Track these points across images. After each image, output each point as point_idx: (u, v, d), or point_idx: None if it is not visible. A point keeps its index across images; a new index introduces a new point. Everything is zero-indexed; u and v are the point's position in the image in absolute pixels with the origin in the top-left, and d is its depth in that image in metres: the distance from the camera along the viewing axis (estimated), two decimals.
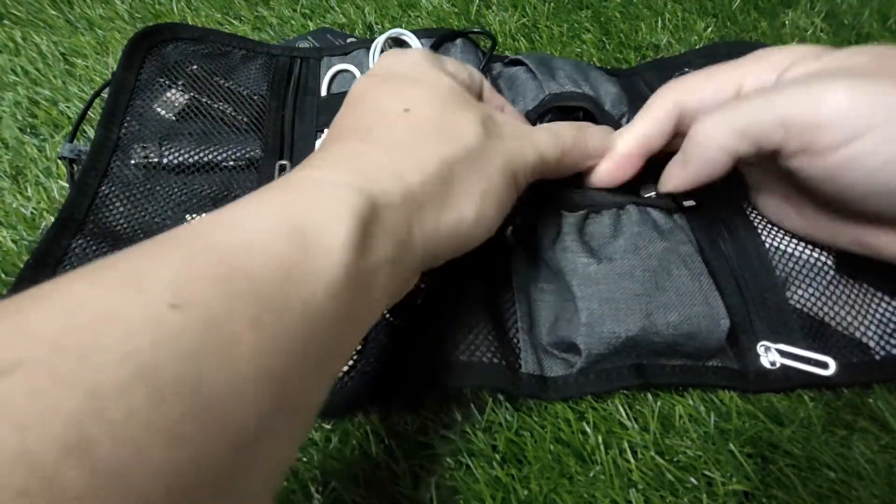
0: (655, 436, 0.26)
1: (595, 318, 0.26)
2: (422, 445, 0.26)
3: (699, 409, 0.27)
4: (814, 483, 0.25)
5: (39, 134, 0.37)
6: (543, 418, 0.26)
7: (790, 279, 0.29)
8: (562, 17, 0.48)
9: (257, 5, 0.48)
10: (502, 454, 0.25)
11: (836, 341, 0.28)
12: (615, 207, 0.31)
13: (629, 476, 0.25)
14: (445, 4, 0.49)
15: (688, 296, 0.27)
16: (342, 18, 0.47)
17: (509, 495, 0.24)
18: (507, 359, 0.26)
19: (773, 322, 0.28)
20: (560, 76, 0.36)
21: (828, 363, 0.27)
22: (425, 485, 0.24)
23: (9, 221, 0.32)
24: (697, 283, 0.28)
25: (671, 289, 0.27)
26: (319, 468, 0.25)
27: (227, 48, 0.39)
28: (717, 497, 0.24)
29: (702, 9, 0.50)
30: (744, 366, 0.28)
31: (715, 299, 0.28)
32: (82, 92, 0.39)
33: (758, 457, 0.25)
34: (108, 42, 0.43)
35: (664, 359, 0.27)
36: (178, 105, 0.34)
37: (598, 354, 0.26)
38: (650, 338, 0.26)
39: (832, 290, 0.29)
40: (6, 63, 0.40)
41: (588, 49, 0.45)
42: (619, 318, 0.26)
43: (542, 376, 0.26)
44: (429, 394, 0.27)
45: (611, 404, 0.27)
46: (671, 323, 0.26)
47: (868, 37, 0.49)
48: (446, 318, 0.27)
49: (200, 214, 0.31)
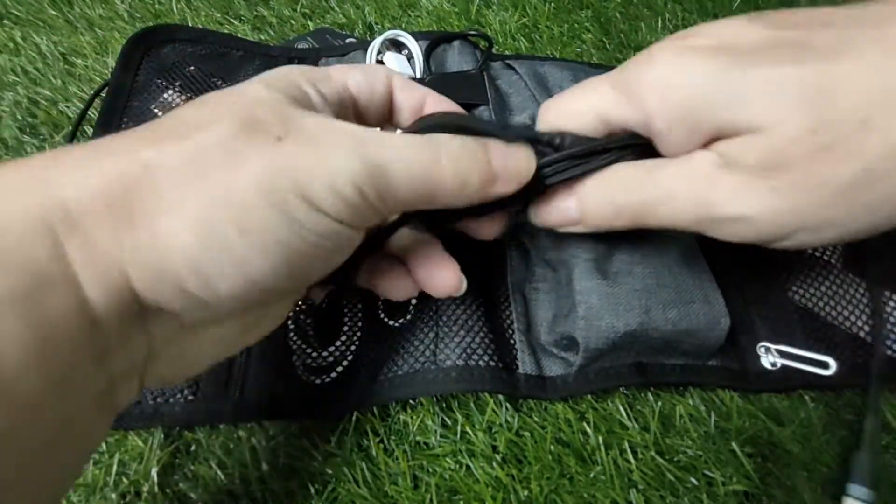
0: (656, 436, 0.26)
1: (593, 312, 0.26)
2: (422, 446, 0.25)
3: (700, 409, 0.27)
4: (814, 483, 0.25)
5: (39, 134, 0.37)
6: (544, 418, 0.26)
7: (793, 277, 0.29)
8: (562, 17, 0.48)
9: (257, 5, 0.48)
10: (502, 454, 0.25)
11: (840, 341, 0.28)
12: None
13: (630, 476, 0.25)
14: (445, 4, 0.48)
15: (687, 293, 0.27)
16: (342, 18, 0.47)
17: (509, 495, 0.24)
18: (503, 360, 0.26)
19: (773, 322, 0.28)
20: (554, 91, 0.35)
21: (828, 363, 0.27)
22: (425, 485, 0.24)
23: None
24: (698, 280, 0.28)
25: (671, 285, 0.27)
26: (319, 468, 0.24)
27: (224, 49, 0.39)
28: (718, 497, 0.24)
29: (702, 9, 0.50)
30: (744, 366, 0.28)
31: (715, 297, 0.28)
32: (82, 92, 0.39)
33: (758, 457, 0.25)
34: (107, 42, 0.43)
35: (663, 357, 0.27)
36: (175, 106, 0.34)
37: (597, 349, 0.26)
38: (648, 333, 0.26)
39: (836, 289, 0.29)
40: (6, 63, 0.40)
41: (588, 49, 0.45)
42: (618, 313, 0.26)
43: (540, 376, 0.26)
44: (427, 395, 0.26)
45: (611, 404, 0.27)
46: (670, 319, 0.26)
47: None
48: (442, 320, 0.27)
49: None
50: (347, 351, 0.26)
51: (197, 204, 0.16)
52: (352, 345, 0.27)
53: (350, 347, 0.26)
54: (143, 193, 0.15)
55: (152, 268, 0.15)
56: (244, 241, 0.16)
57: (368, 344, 0.27)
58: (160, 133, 0.17)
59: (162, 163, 0.16)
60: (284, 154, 0.17)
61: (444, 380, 0.25)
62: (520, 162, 0.21)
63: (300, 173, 0.16)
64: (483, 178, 0.20)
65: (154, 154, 0.16)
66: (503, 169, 0.20)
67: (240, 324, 0.19)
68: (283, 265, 0.17)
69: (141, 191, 0.15)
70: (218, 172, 0.16)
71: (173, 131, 0.17)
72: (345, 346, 0.27)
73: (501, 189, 0.20)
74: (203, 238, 0.16)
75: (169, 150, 0.16)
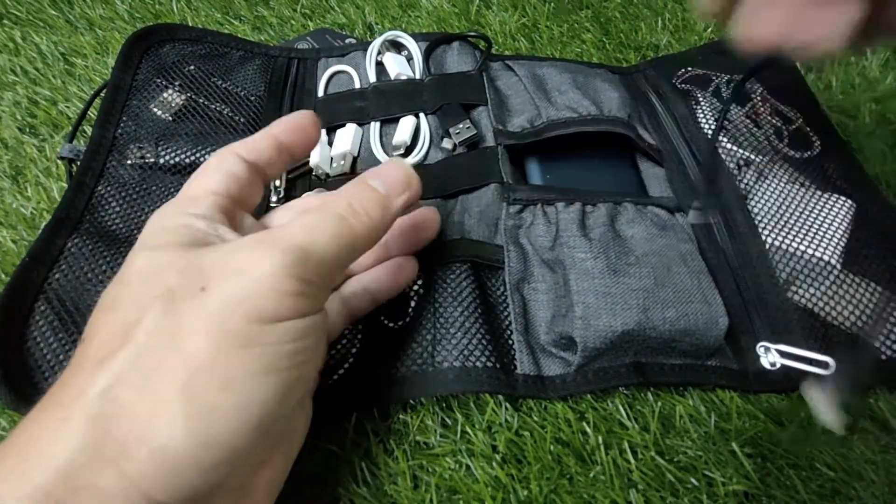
0: (656, 436, 0.26)
1: (591, 311, 0.26)
2: (422, 445, 0.25)
3: (699, 410, 0.27)
4: (814, 483, 0.25)
5: (39, 134, 0.37)
6: (543, 418, 0.26)
7: (792, 278, 0.29)
8: (562, 17, 0.48)
9: (257, 5, 0.48)
10: (502, 454, 0.25)
11: (840, 341, 0.28)
12: (612, 202, 0.31)
13: (629, 476, 0.25)
14: (445, 4, 0.48)
15: (686, 293, 0.27)
16: (342, 18, 0.47)
17: (509, 495, 0.24)
18: (501, 361, 0.26)
19: (773, 323, 0.28)
20: (556, 100, 0.35)
21: (828, 363, 0.27)
22: (425, 485, 0.24)
23: (9, 221, 0.32)
24: (696, 280, 0.28)
25: (669, 285, 0.27)
26: (319, 468, 0.24)
27: (224, 49, 0.38)
28: (718, 497, 0.24)
29: None
30: (743, 366, 0.28)
31: (714, 298, 0.28)
32: (82, 92, 0.39)
33: (758, 457, 0.25)
34: (107, 42, 0.43)
35: (662, 357, 0.27)
36: (174, 106, 0.34)
37: (595, 349, 0.26)
38: (646, 332, 0.26)
39: (836, 289, 0.29)
40: (6, 63, 0.40)
41: (588, 49, 0.45)
42: (616, 312, 0.26)
43: (539, 376, 0.26)
44: (426, 396, 0.26)
45: (611, 404, 0.27)
46: (668, 319, 0.26)
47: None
48: (440, 322, 0.27)
49: None
50: (348, 354, 0.26)
51: (170, 394, 0.15)
52: (353, 347, 0.27)
53: (351, 350, 0.27)
54: (118, 419, 0.15)
55: (165, 473, 0.15)
56: (229, 397, 0.16)
57: (368, 346, 0.27)
58: (94, 352, 0.17)
59: (117, 378, 0.16)
60: (215, 298, 0.16)
61: (443, 381, 0.25)
62: (395, 171, 0.22)
63: (241, 302, 0.16)
64: (381, 204, 0.21)
65: (104, 375, 0.16)
66: (388, 187, 0.22)
67: (282, 462, 0.20)
68: (278, 397, 0.17)
69: (114, 419, 0.15)
70: (169, 356, 0.16)
71: (106, 344, 0.17)
72: (346, 348, 0.27)
73: (402, 202, 0.22)
74: (192, 419, 0.15)
75: (118, 362, 0.16)
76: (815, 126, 0.36)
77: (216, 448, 0.16)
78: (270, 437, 0.18)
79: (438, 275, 0.28)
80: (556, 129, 0.34)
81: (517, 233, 0.30)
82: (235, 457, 0.16)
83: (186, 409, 0.15)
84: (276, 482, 0.20)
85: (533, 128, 0.34)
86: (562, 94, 0.36)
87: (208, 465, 0.16)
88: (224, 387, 0.16)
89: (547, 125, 0.34)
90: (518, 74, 0.38)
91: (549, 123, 0.34)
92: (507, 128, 0.35)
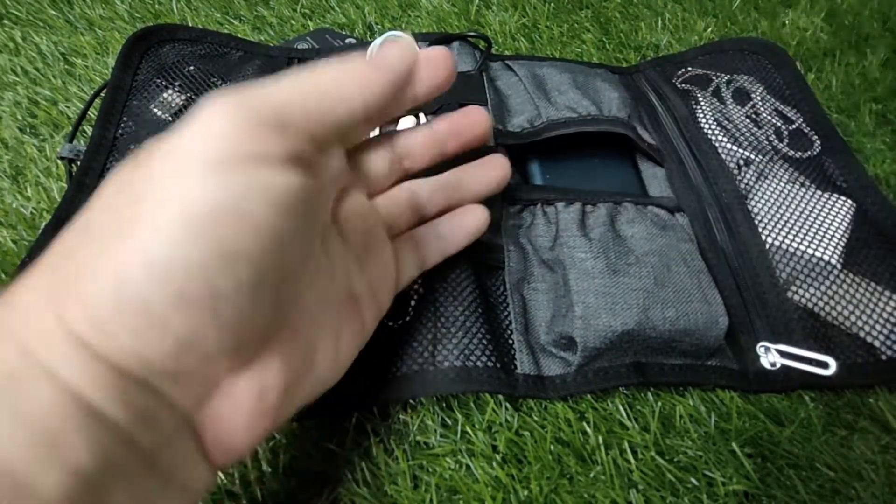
0: (656, 436, 0.26)
1: (590, 311, 0.26)
2: (422, 445, 0.25)
3: (699, 410, 0.27)
4: (814, 483, 0.25)
5: (39, 134, 0.37)
6: (544, 418, 0.26)
7: (792, 278, 0.29)
8: (562, 17, 0.48)
9: (257, 5, 0.48)
10: (502, 454, 0.25)
11: (840, 341, 0.28)
12: (612, 202, 0.31)
13: (629, 476, 0.25)
14: (445, 4, 0.49)
15: (685, 293, 0.27)
16: (342, 18, 0.47)
17: (509, 495, 0.24)
18: (502, 361, 0.26)
19: (773, 322, 0.28)
20: (556, 100, 0.35)
21: (828, 363, 0.27)
22: (425, 485, 0.24)
23: (9, 221, 0.32)
24: (696, 280, 0.28)
25: (669, 285, 0.27)
26: (319, 468, 0.24)
27: (224, 49, 0.38)
28: (718, 497, 0.24)
29: (702, 9, 0.50)
30: (743, 366, 0.28)
31: (714, 297, 0.28)
32: (82, 92, 0.39)
33: (758, 457, 0.25)
34: (107, 42, 0.43)
35: (662, 357, 0.27)
36: (174, 106, 0.34)
37: (595, 349, 0.26)
38: (646, 332, 0.26)
39: (836, 289, 0.29)
40: (6, 63, 0.40)
41: (588, 49, 0.45)
42: (615, 312, 0.26)
43: (539, 376, 0.26)
44: (426, 396, 0.26)
45: (611, 404, 0.27)
46: (668, 318, 0.26)
47: (868, 37, 0.49)
48: (440, 321, 0.27)
49: None
50: None
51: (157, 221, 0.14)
52: None
53: None
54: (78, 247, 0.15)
55: (106, 305, 0.14)
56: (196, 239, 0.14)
57: (369, 345, 0.27)
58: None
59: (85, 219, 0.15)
60: (172, 144, 0.15)
61: (443, 380, 0.25)
62: (393, 50, 0.20)
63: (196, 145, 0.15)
64: (363, 65, 0.19)
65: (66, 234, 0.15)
66: (379, 58, 0.19)
67: (279, 369, 0.17)
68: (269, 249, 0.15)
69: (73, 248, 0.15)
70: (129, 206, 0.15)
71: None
72: None
73: (390, 76, 0.19)
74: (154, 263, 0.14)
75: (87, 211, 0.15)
76: (815, 126, 0.36)
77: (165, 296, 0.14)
78: (233, 317, 0.15)
79: (439, 274, 0.28)
80: (555, 128, 0.34)
81: (517, 233, 0.30)
82: (224, 295, 0.14)
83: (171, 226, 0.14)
84: (270, 394, 0.17)
85: (533, 128, 0.34)
86: (561, 94, 0.36)
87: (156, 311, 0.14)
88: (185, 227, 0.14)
89: (547, 125, 0.34)
90: (518, 74, 0.38)
91: (549, 123, 0.34)
92: (507, 128, 0.35)
